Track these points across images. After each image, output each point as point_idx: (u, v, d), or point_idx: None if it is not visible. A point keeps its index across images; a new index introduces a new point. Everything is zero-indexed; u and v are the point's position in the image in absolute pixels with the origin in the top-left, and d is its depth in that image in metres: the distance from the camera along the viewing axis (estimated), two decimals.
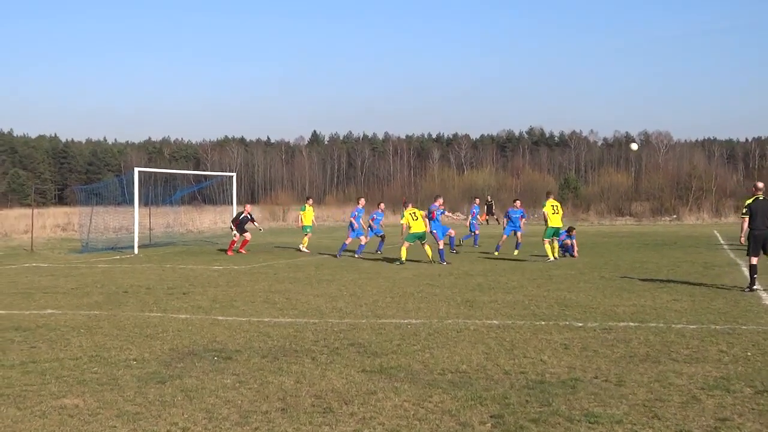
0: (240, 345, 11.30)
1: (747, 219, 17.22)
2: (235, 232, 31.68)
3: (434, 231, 25.76)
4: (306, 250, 31.39)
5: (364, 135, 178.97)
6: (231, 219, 33.19)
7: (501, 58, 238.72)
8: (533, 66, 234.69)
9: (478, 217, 35.00)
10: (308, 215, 32.69)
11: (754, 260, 17.05)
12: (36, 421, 7.50)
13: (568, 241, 27.33)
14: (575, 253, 27.23)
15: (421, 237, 25.25)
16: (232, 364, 9.98)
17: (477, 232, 33.73)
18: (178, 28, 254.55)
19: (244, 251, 31.69)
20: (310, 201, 34.14)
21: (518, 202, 31.02)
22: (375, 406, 7.93)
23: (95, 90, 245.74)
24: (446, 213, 29.57)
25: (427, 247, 25.29)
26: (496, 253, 28.31)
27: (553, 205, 25.82)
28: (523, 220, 29.96)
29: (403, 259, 24.84)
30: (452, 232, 25.61)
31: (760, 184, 17.45)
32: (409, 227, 25.25)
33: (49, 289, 18.56)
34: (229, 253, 30.99)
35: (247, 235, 32.18)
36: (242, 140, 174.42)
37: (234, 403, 8.08)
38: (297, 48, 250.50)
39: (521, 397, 8.17)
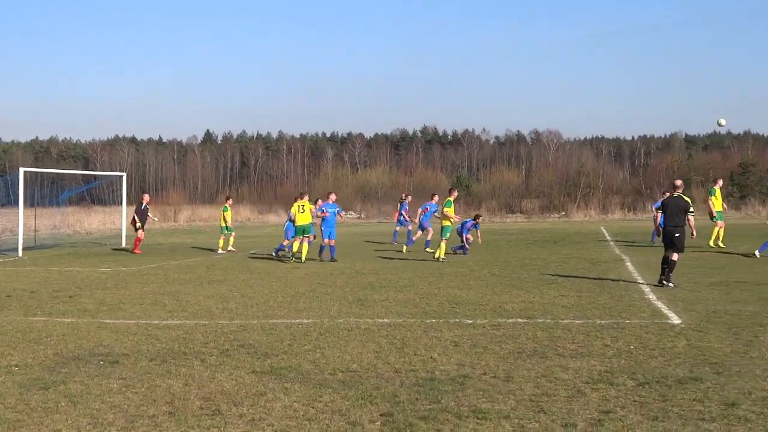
0: (127, 348, 11.09)
1: (659, 214, 17.79)
2: (138, 225, 31.20)
3: (322, 228, 25.78)
4: (222, 251, 30.89)
5: (257, 134, 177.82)
6: (134, 211, 32.35)
7: (395, 57, 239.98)
8: (427, 65, 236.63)
9: (404, 214, 34.80)
10: (229, 215, 32.04)
11: (667, 253, 17.43)
12: None
13: (469, 236, 27.52)
14: (477, 241, 27.80)
15: (306, 230, 25.43)
16: (119, 368, 9.78)
17: (403, 228, 33.58)
18: (64, 22, 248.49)
19: (138, 251, 31.15)
20: (230, 201, 33.37)
21: (436, 197, 31.01)
22: (264, 407, 7.88)
23: None
24: (342, 213, 29.65)
25: (304, 245, 25.35)
26: (405, 248, 28.73)
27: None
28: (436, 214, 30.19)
29: (294, 251, 25.27)
30: (332, 242, 25.65)
31: (678, 182, 18.03)
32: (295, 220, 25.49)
33: None
34: (136, 251, 30.64)
35: (140, 233, 31.66)
36: (133, 139, 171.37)
37: (120, 408, 7.92)
38: (189, 45, 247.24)
39: (411, 395, 8.21)
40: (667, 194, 18.37)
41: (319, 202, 27.23)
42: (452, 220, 25.10)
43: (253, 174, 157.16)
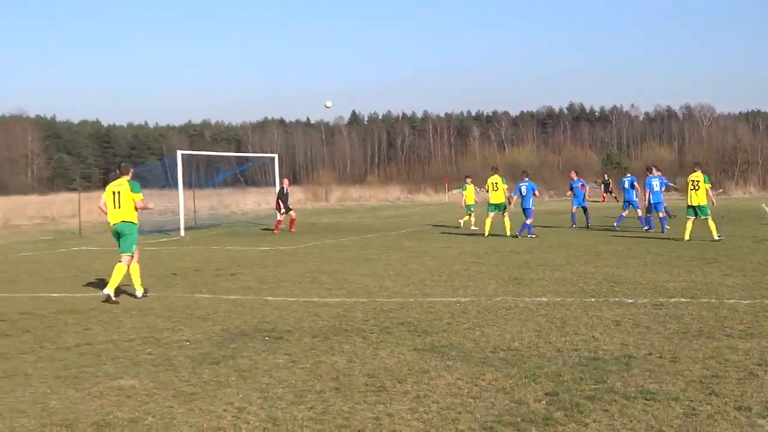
0: (290, 325, 11.35)
1: None
2: (282, 210, 31.94)
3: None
4: (470, 227, 31.03)
5: (403, 114, 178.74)
6: (276, 197, 33.10)
7: (540, 33, 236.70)
8: (574, 41, 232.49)
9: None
10: (470, 194, 32.24)
11: None
12: (94, 402, 7.59)
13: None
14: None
15: (498, 207, 26.85)
16: (284, 344, 10.02)
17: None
18: (214, 11, 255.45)
19: (294, 230, 31.84)
20: (469, 180, 33.51)
21: (573, 173, 31.89)
22: (428, 385, 7.92)
23: (135, 74, 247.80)
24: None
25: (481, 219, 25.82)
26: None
27: (493, 183, 26.99)
28: (585, 189, 31.03)
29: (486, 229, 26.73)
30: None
31: None
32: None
33: (100, 272, 18.75)
34: (276, 231, 31.38)
35: (293, 213, 32.37)
36: (282, 121, 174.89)
37: (288, 383, 8.11)
38: (331, 26, 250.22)
39: (575, 375, 8.12)
40: None
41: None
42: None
43: (401, 154, 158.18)
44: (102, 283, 16.63)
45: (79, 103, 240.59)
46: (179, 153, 33.93)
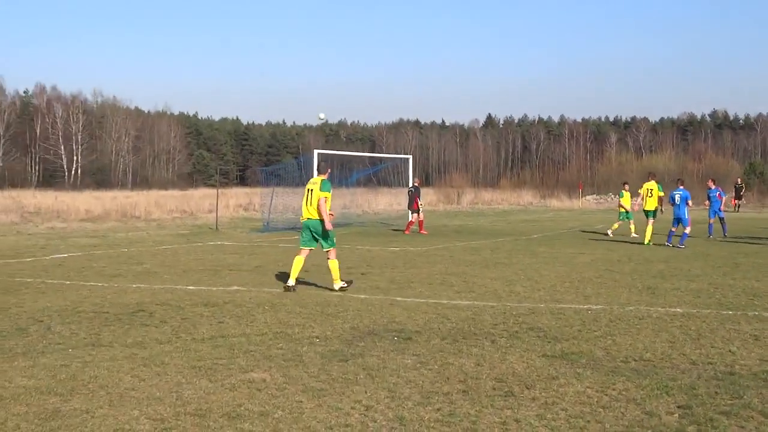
0: (419, 326, 11.37)
1: None
2: (420, 209, 32.16)
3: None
4: (630, 234, 30.25)
5: (539, 118, 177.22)
6: (411, 197, 33.08)
7: (681, 37, 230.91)
8: (716, 45, 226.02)
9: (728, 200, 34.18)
10: (627, 200, 31.87)
11: None
12: (226, 394, 7.76)
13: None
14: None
15: (650, 214, 27.25)
16: (412, 345, 10.05)
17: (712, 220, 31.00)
18: (353, 11, 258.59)
19: (423, 231, 31.96)
20: (627, 186, 33.08)
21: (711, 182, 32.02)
22: (557, 392, 7.83)
23: (274, 74, 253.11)
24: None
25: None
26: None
27: (648, 189, 27.48)
28: (723, 198, 30.62)
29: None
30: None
31: None
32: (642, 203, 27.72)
33: (235, 267, 19.22)
34: (407, 232, 31.61)
35: (421, 215, 32.49)
36: (417, 123, 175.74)
37: (415, 384, 8.14)
38: (469, 30, 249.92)
39: (710, 389, 7.89)
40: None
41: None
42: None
43: (535, 158, 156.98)
44: (236, 278, 17.05)
45: (220, 101, 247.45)
46: (316, 152, 34.44)
